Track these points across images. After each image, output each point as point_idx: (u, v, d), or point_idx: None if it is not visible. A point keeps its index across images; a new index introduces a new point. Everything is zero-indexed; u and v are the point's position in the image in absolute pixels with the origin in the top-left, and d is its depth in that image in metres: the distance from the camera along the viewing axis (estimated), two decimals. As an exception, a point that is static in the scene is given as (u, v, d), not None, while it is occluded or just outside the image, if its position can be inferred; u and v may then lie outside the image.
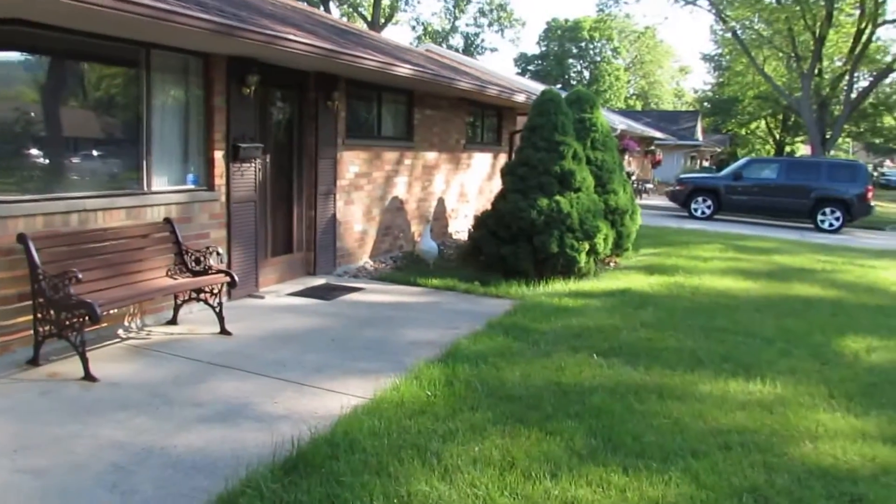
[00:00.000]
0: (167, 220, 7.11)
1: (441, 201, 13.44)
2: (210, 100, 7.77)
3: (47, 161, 6.48)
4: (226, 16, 6.67)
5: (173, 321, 7.26)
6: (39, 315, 5.79)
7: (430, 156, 12.80)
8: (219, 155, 7.92)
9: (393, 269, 10.90)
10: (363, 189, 10.79)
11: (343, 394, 5.61)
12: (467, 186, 14.55)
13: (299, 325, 7.50)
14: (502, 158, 16.00)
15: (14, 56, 6.12)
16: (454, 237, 13.92)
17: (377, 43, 12.54)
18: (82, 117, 6.81)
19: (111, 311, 6.00)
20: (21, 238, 5.71)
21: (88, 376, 5.62)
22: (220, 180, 7.96)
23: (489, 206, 11.12)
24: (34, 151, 6.36)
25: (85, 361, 5.64)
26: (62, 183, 6.50)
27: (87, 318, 5.55)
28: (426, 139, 12.59)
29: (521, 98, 14.21)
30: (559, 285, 10.07)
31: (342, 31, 11.52)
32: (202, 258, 7.05)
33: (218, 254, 7.09)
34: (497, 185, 15.43)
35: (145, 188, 7.17)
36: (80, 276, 5.59)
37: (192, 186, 7.77)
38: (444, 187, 13.48)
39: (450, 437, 4.85)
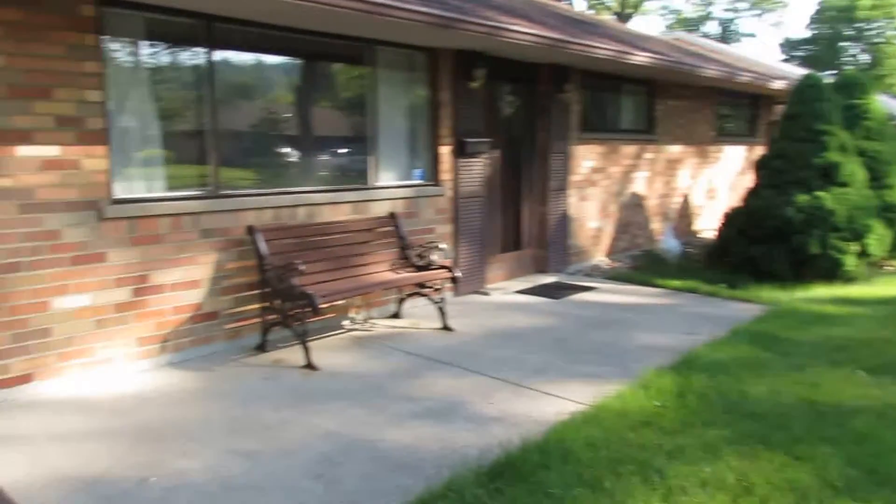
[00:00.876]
0: (392, 215, 7.15)
1: (686, 198, 12.57)
2: (436, 95, 7.73)
3: (276, 157, 6.74)
4: (446, 8, 6.56)
5: (397, 315, 7.28)
6: (266, 304, 6.01)
7: (674, 149, 12.00)
8: (445, 150, 7.86)
9: (630, 268, 10.30)
10: (598, 184, 10.31)
11: (561, 398, 5.22)
12: (716, 182, 13.51)
13: (523, 324, 7.21)
14: (757, 151, 14.70)
15: (245, 57, 6.41)
16: (700, 236, 12.97)
17: (613, 32, 11.98)
18: (310, 115, 7.03)
19: (332, 303, 6.08)
20: (250, 230, 5.96)
21: (309, 365, 5.71)
22: (446, 175, 7.90)
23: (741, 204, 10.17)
24: (263, 147, 6.64)
25: (306, 350, 5.75)
26: (290, 178, 6.73)
27: (308, 308, 5.64)
28: (669, 131, 11.82)
29: (778, 85, 12.93)
30: (820, 290, 8.92)
31: (575, 20, 11.11)
32: (425, 253, 7.00)
33: (440, 249, 6.99)
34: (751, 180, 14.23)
35: (371, 183, 7.27)
36: (302, 267, 5.70)
37: (418, 182, 7.77)
38: (689, 183, 12.60)
39: (677, 454, 4.29)
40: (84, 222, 5.11)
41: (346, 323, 6.97)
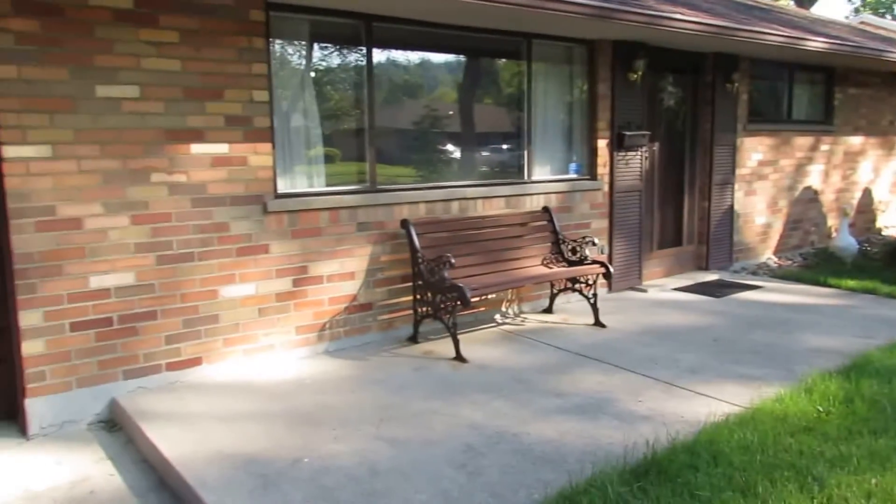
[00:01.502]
0: (545, 209, 7.10)
1: (867, 192, 11.67)
2: (594, 87, 7.60)
3: (429, 152, 6.87)
4: (603, -3, 6.43)
5: (549, 310, 7.23)
6: (418, 296, 6.13)
7: (854, 141, 11.17)
8: (602, 143, 7.71)
9: (800, 266, 9.69)
10: (767, 178, 9.77)
11: (715, 399, 5.00)
12: (903, 175, 12.47)
13: (680, 322, 6.96)
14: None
15: (402, 55, 6.56)
16: (883, 234, 12.00)
17: (786, 17, 11.29)
18: (464, 110, 7.10)
19: (483, 297, 6.12)
20: (404, 224, 6.10)
21: (459, 357, 5.78)
22: (602, 169, 7.75)
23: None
24: (417, 143, 6.78)
25: (456, 342, 5.82)
26: (444, 173, 6.84)
27: (459, 301, 5.71)
28: (849, 122, 11.00)
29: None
30: None
31: (744, 6, 10.56)
32: (578, 248, 6.90)
33: (594, 244, 6.87)
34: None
35: (525, 177, 7.25)
36: (453, 260, 5.77)
37: (573, 175, 7.67)
38: (871, 176, 11.69)
39: (840, 462, 4.01)
40: (249, 215, 5.42)
41: (496, 317, 6.99)
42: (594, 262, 6.78)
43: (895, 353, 5.88)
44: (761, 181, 9.66)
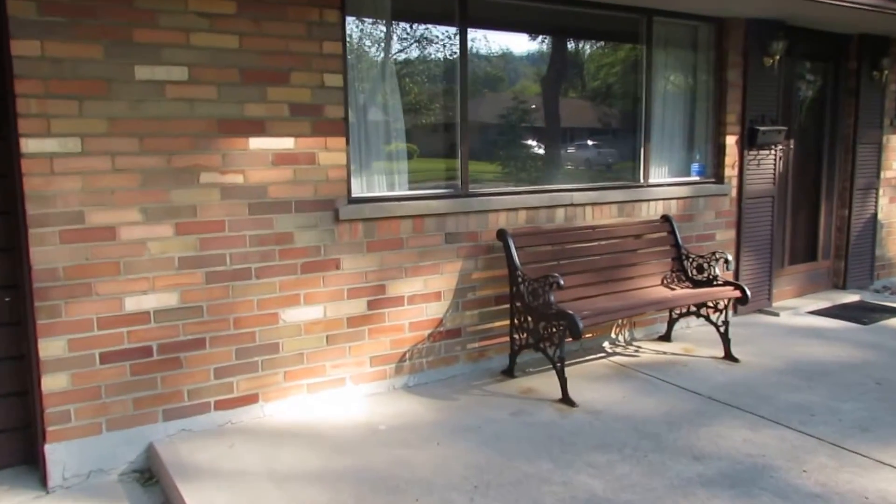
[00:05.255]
0: (665, 218, 5.99)
1: None
2: (722, 74, 6.44)
3: (530, 151, 5.86)
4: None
5: (666, 337, 6.12)
6: (516, 322, 5.13)
7: None
8: (731, 140, 6.55)
9: (954, 287, 8.29)
10: (917, 183, 8.40)
11: (904, 471, 3.87)
12: None
13: (827, 357, 5.76)
14: None
15: (500, 37, 5.55)
16: None
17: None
18: (570, 103, 6.06)
19: (596, 324, 5.08)
20: (501, 234, 5.10)
21: (566, 399, 4.76)
22: (730, 171, 6.59)
23: None
24: (515, 141, 5.78)
25: (562, 381, 4.80)
26: (545, 174, 5.82)
27: (567, 331, 4.68)
28: None
29: None
30: None
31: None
32: (706, 265, 5.77)
33: (727, 261, 5.73)
34: None
35: (641, 180, 6.16)
36: (561, 281, 4.74)
37: (695, 178, 6.54)
38: None
39: None
40: (318, 224, 4.51)
41: (605, 345, 5.94)
42: (726, 283, 5.65)
43: None
44: (908, 186, 8.30)
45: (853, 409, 4.72)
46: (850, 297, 7.55)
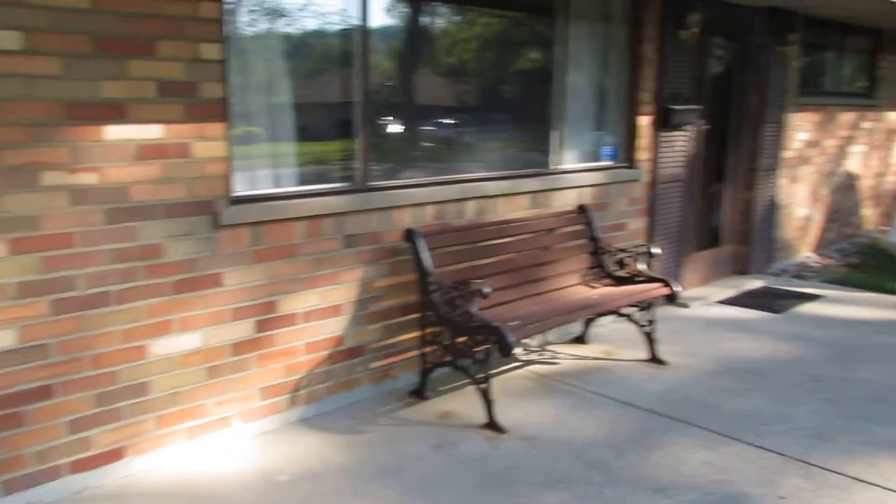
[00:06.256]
0: (582, 209, 5.46)
1: (901, 177, 10.33)
2: (638, 49, 5.95)
3: (438, 135, 5.18)
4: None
5: (582, 339, 5.62)
6: (428, 335, 4.45)
7: (894, 116, 9.74)
8: (644, 121, 6.09)
9: (846, 266, 8.28)
10: (811, 162, 8.29)
11: (884, 489, 3.53)
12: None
13: (755, 353, 5.44)
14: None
15: (409, 2, 4.80)
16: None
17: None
18: (483, 81, 5.40)
19: (528, 337, 4.48)
20: (409, 235, 4.40)
21: (493, 424, 4.16)
22: (643, 154, 6.14)
23: None
24: (423, 123, 5.08)
25: (489, 405, 4.19)
26: (455, 162, 5.16)
27: (494, 345, 4.06)
28: (891, 94, 9.56)
29: None
30: None
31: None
32: (627, 259, 5.29)
33: (651, 254, 5.27)
34: None
35: (554, 166, 5.60)
36: (486, 289, 4.10)
37: (608, 163, 6.04)
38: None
39: None
40: (193, 232, 3.66)
41: (519, 351, 5.37)
42: (651, 278, 5.19)
43: None
44: (805, 166, 8.19)
45: (802, 414, 4.37)
46: (755, 283, 7.34)
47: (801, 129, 7.94)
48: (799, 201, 8.24)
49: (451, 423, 4.24)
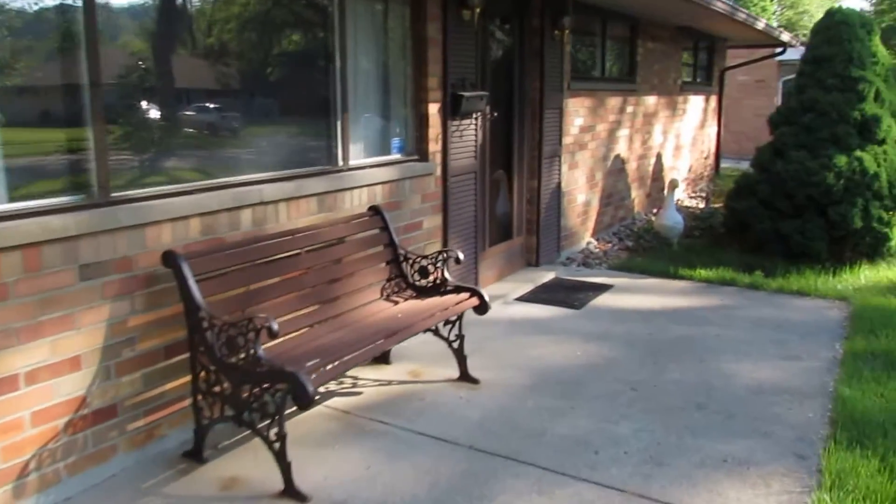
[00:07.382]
0: (375, 210, 4.70)
1: (659, 157, 10.66)
2: (422, 29, 5.29)
3: (198, 129, 4.19)
4: None
5: (384, 357, 4.89)
6: (203, 383, 3.48)
7: (651, 101, 9.99)
8: (433, 109, 5.45)
9: (622, 250, 8.28)
10: (587, 147, 8.16)
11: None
12: (683, 138, 11.69)
13: (565, 359, 5.03)
14: (713, 102, 13.08)
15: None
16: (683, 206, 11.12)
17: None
18: (251, 65, 4.44)
19: (329, 380, 3.64)
20: (169, 259, 3.40)
21: (291, 490, 3.31)
22: (434, 145, 5.51)
23: (755, 168, 8.31)
24: (177, 114, 4.06)
25: (286, 468, 3.33)
26: (224, 162, 4.20)
27: (287, 393, 3.21)
28: (647, 80, 9.77)
29: (761, 25, 11.12)
30: (868, 273, 7.34)
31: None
32: (431, 266, 4.62)
33: (458, 260, 4.64)
34: (709, 134, 12.63)
35: (341, 163, 4.80)
36: (275, 326, 3.22)
37: (398, 156, 5.35)
38: (661, 140, 10.67)
39: None
40: None
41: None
42: (458, 288, 4.56)
43: (863, 389, 4.49)
44: (582, 151, 8.04)
45: (631, 433, 3.96)
46: (547, 276, 7.02)
47: (577, 115, 7.75)
48: (579, 187, 8.08)
49: (238, 495, 3.33)
